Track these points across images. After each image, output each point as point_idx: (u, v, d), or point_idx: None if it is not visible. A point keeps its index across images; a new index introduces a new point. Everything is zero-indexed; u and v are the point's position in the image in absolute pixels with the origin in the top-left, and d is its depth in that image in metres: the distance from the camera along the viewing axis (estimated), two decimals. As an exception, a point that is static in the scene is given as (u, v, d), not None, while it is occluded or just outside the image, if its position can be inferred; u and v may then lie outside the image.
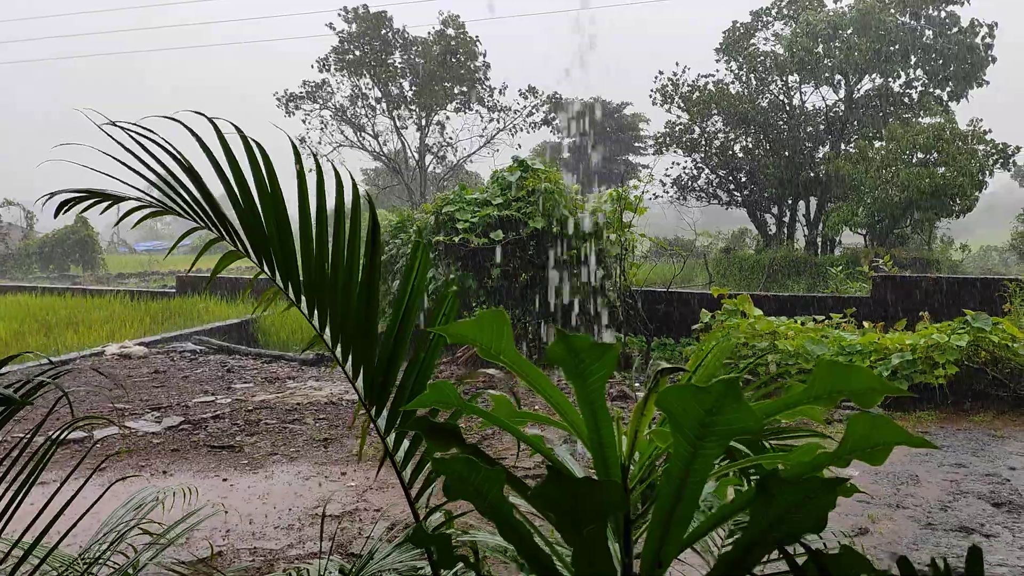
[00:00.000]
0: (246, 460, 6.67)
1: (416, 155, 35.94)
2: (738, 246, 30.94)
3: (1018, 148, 24.82)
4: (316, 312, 1.81)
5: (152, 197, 1.76)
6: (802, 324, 9.66)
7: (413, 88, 34.70)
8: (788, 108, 29.86)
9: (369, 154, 36.38)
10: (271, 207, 1.74)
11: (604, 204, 11.06)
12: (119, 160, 1.68)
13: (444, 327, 1.16)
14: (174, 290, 18.62)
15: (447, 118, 35.66)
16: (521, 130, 35.96)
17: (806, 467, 1.06)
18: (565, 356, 1.07)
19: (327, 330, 1.81)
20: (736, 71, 30.57)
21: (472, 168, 40.28)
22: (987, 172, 23.79)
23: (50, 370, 1.55)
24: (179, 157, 1.72)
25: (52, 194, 1.73)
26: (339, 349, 1.81)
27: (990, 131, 24.25)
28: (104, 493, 2.21)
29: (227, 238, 1.80)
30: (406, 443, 1.82)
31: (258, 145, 1.72)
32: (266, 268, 1.80)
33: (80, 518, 1.98)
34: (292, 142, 1.69)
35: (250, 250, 1.79)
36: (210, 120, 1.67)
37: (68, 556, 2.15)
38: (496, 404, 1.27)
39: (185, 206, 1.77)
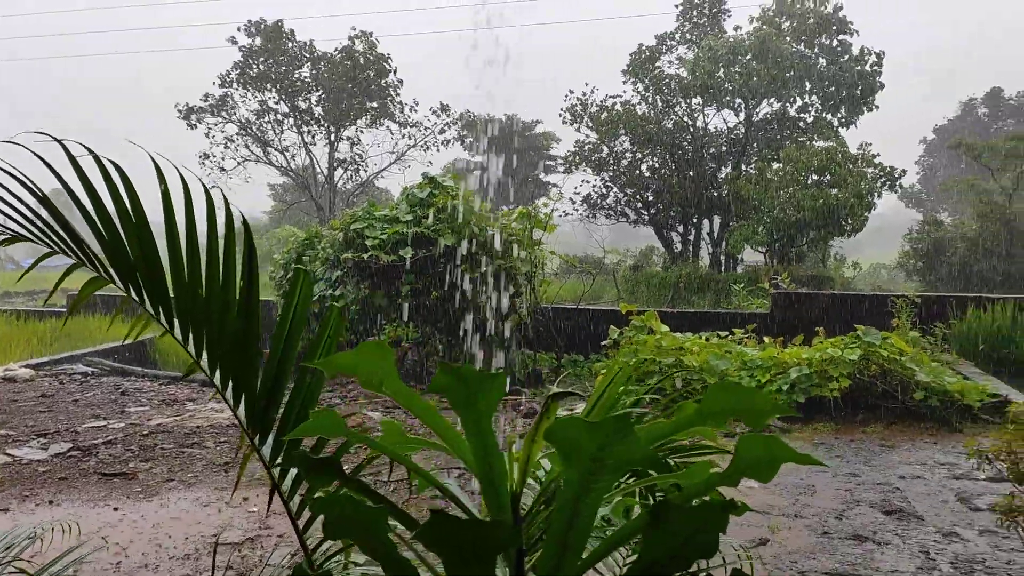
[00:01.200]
0: (140, 488, 6.36)
1: (325, 171, 35.38)
2: (646, 263, 31.61)
3: (904, 171, 26.31)
4: (192, 338, 1.72)
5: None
6: (707, 340, 9.91)
7: (321, 103, 34.19)
8: (692, 129, 30.80)
9: (277, 169, 35.61)
10: (133, 231, 1.65)
11: (514, 222, 11.12)
12: None
13: (324, 361, 1.11)
14: (65, 309, 17.70)
15: (359, 133, 35.25)
16: (433, 147, 35.91)
17: (699, 488, 1.06)
18: (451, 386, 1.05)
19: (204, 356, 1.73)
20: (643, 92, 31.37)
21: (383, 184, 39.94)
22: (876, 194, 25.09)
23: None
24: (30, 184, 1.63)
25: None
26: (218, 376, 1.72)
27: (878, 155, 25.65)
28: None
29: (88, 264, 1.70)
30: (294, 471, 1.75)
31: (117, 167, 1.64)
32: (134, 294, 1.70)
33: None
34: (154, 162, 1.60)
35: (115, 276, 1.69)
36: (59, 142, 1.57)
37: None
38: (386, 431, 1.23)
39: (37, 231, 1.67)
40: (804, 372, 8.53)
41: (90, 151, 1.60)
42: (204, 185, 1.67)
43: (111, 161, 1.61)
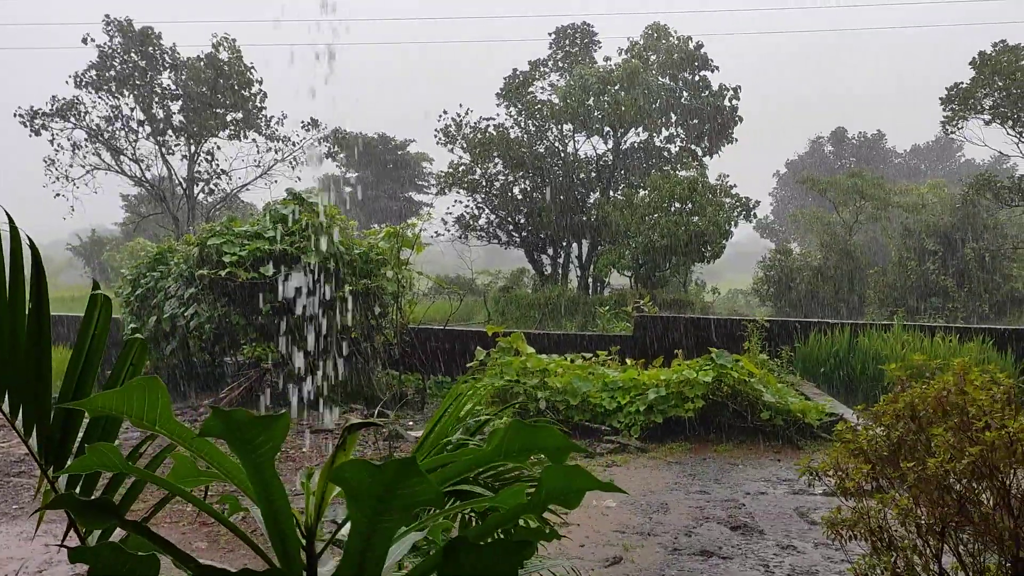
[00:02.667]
0: (-41, 521, 5.82)
1: (183, 183, 33.88)
2: (516, 285, 31.98)
3: (758, 202, 27.92)
4: None
5: None
6: (572, 361, 10.09)
7: (182, 112, 32.76)
8: (563, 155, 31.54)
9: (130, 179, 33.74)
10: None
11: (381, 240, 11.00)
12: None
13: (84, 401, 1.04)
14: None
15: (217, 147, 33.88)
16: (302, 163, 35.05)
17: (505, 516, 1.05)
18: (224, 431, 1.00)
19: None
20: (516, 116, 31.89)
21: (248, 199, 38.60)
22: (733, 223, 26.45)
23: None
24: None
25: None
26: (7, 403, 1.58)
27: (735, 186, 27.10)
28: None
29: None
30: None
31: None
32: None
33: None
34: None
35: None
36: None
37: None
38: (177, 464, 1.16)
39: None
40: (662, 393, 8.81)
41: None
42: None
43: None
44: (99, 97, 31.64)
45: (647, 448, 8.39)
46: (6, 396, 1.57)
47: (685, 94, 31.06)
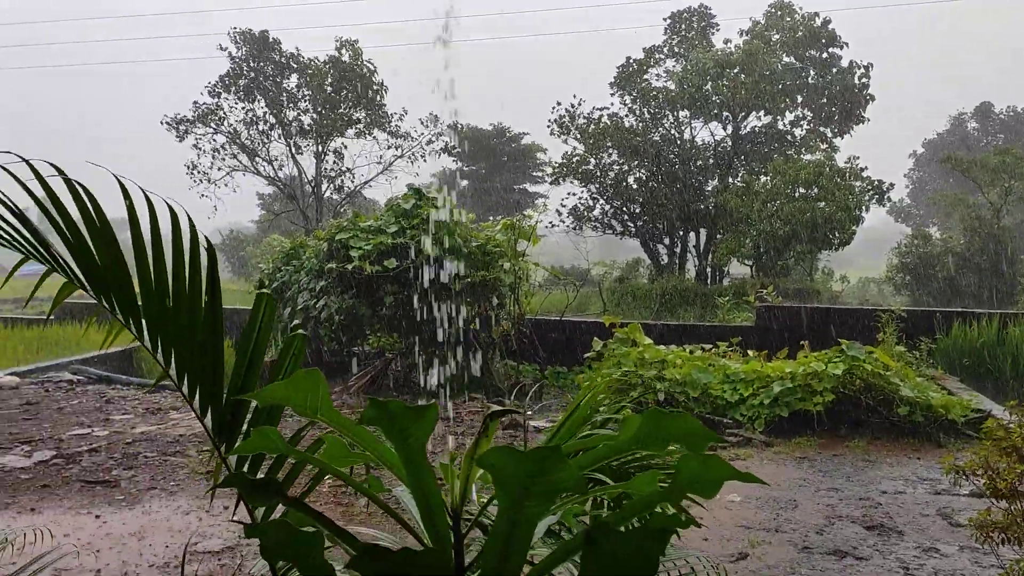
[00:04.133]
0: (122, 495, 6.31)
1: (312, 181, 35.34)
2: (632, 276, 31.65)
3: (892, 185, 26.51)
4: (160, 347, 1.74)
5: None
6: (690, 352, 9.93)
7: (308, 114, 34.19)
8: (679, 142, 30.95)
9: (264, 179, 35.52)
10: (102, 243, 1.69)
11: (498, 233, 11.13)
12: None
13: (256, 393, 1.13)
14: (53, 317, 17.57)
15: (344, 146, 35.21)
16: (420, 157, 35.91)
17: (641, 504, 1.07)
18: (381, 420, 1.06)
19: (172, 366, 1.74)
20: (630, 105, 31.52)
21: (370, 195, 39.87)
22: (864, 207, 25.24)
23: None
24: (4, 199, 1.66)
25: None
26: (186, 386, 1.74)
27: (866, 168, 25.83)
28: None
29: (59, 270, 1.73)
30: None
31: (81, 185, 1.69)
32: (104, 302, 1.73)
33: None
34: (119, 181, 1.65)
35: (86, 284, 1.72)
36: (26, 161, 1.61)
37: None
38: (329, 444, 1.24)
39: (8, 239, 1.69)
40: (787, 386, 8.55)
41: (59, 171, 1.64)
42: (170, 205, 1.70)
43: (77, 182, 1.66)
44: (234, 103, 33.44)
45: (772, 442, 8.16)
46: (185, 380, 1.72)
47: (811, 73, 29.85)
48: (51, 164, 1.64)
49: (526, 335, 11.94)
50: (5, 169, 1.61)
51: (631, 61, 32.30)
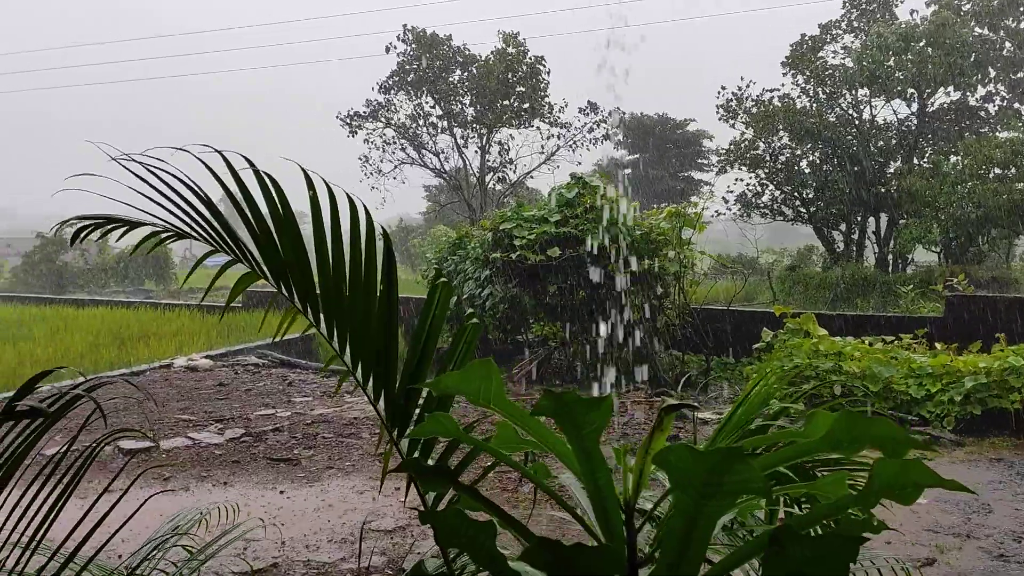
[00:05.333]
0: (303, 473, 6.75)
1: (476, 172, 36.21)
2: (804, 263, 30.19)
3: (1104, 163, 23.72)
4: (336, 334, 1.82)
5: (166, 223, 1.82)
6: (870, 345, 9.36)
7: (473, 106, 35.02)
8: (857, 122, 29.13)
9: (430, 171, 36.79)
10: (287, 233, 1.78)
11: (663, 221, 10.94)
12: (136, 190, 1.73)
13: (432, 382, 1.15)
14: (240, 304, 19.07)
15: (511, 137, 35.86)
16: (581, 146, 35.89)
17: (830, 509, 1.00)
18: (555, 411, 1.05)
19: (347, 352, 1.82)
20: (803, 85, 29.99)
21: (532, 184, 40.31)
22: (1070, 188, 22.78)
23: (85, 384, 1.58)
24: (194, 187, 1.78)
25: (64, 221, 1.79)
26: (360, 372, 1.81)
27: (1075, 144, 23.25)
28: (139, 505, 2.24)
29: (243, 261, 1.84)
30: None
31: (270, 177, 1.77)
32: (284, 290, 1.83)
33: (121, 526, 2.01)
34: (304, 171, 1.74)
35: (267, 273, 1.82)
36: (219, 153, 1.71)
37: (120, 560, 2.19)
38: (500, 431, 1.25)
39: (201, 231, 1.81)
40: (981, 382, 7.87)
41: (250, 163, 1.74)
42: (350, 196, 1.78)
43: (266, 173, 1.75)
44: (403, 98, 34.85)
45: (963, 442, 7.55)
46: (359, 367, 1.81)
47: (1008, 45, 27.21)
48: (243, 156, 1.75)
49: (691, 325, 11.67)
50: (200, 160, 1.74)
51: (805, 38, 30.71)
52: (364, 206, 1.82)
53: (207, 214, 1.82)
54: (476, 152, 36.23)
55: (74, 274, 33.15)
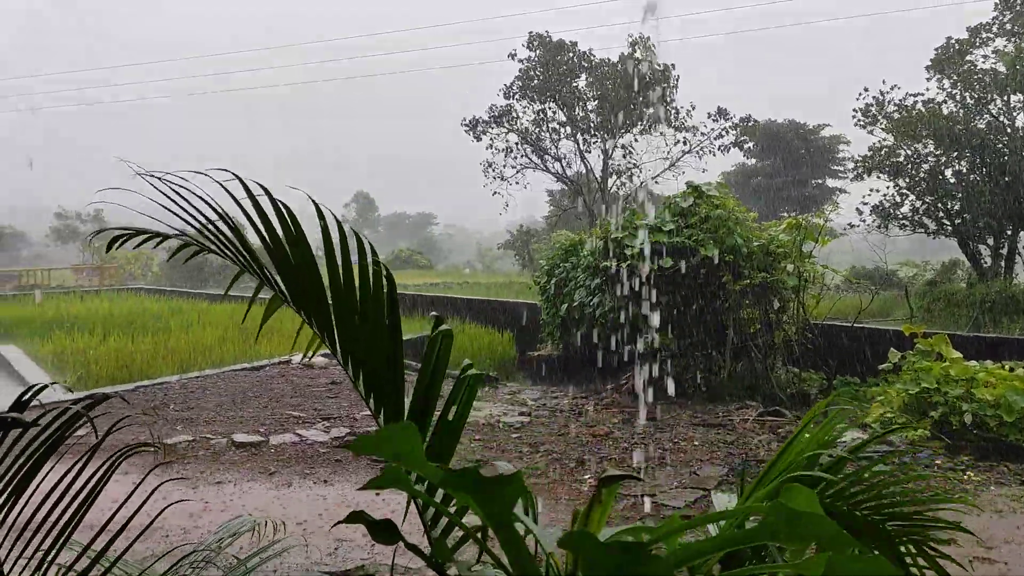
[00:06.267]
0: (401, 475, 6.85)
1: (599, 178, 36.02)
2: (946, 279, 28.26)
3: None
4: (350, 364, 1.85)
5: (192, 238, 1.87)
6: (1010, 370, 8.62)
7: (597, 111, 34.85)
8: (1010, 130, 27.08)
9: (552, 176, 36.89)
10: (302, 262, 1.83)
11: (781, 233, 10.49)
12: (164, 206, 1.80)
13: (353, 445, 1.12)
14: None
15: (635, 140, 35.46)
16: (708, 152, 35.07)
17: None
18: (461, 486, 0.97)
19: (360, 381, 1.84)
20: (949, 90, 28.17)
21: (657, 191, 39.70)
22: None
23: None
24: (216, 208, 1.85)
25: (100, 231, 1.87)
26: (372, 401, 1.84)
27: None
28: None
29: (267, 283, 1.89)
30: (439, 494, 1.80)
31: (286, 208, 1.82)
32: (305, 317, 1.86)
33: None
34: (315, 203, 1.80)
35: (289, 298, 1.86)
36: (239, 178, 1.75)
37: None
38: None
39: (223, 247, 1.85)
40: None
41: (266, 191, 1.78)
42: (357, 234, 1.83)
43: (282, 202, 1.80)
44: (526, 104, 35.13)
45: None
46: (372, 397, 1.82)
47: None
48: (259, 184, 1.79)
49: (811, 341, 11.13)
50: (223, 188, 1.78)
51: (952, 41, 28.85)
52: (370, 243, 1.87)
53: (232, 236, 1.89)
54: (599, 157, 36.09)
55: (215, 269, 35.28)
